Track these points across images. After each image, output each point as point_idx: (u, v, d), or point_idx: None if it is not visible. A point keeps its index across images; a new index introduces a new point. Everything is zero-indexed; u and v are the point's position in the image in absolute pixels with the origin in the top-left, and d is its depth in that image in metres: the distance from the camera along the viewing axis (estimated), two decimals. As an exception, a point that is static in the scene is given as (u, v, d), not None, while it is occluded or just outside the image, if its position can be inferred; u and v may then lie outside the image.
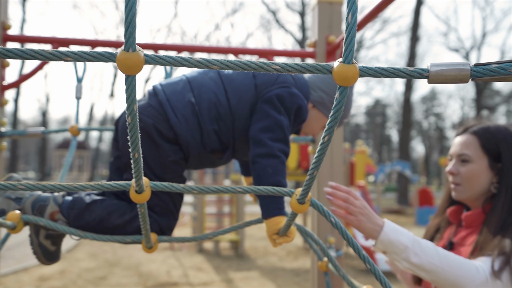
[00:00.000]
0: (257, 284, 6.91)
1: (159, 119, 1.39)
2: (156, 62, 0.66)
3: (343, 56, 0.66)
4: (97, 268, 7.79)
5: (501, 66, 0.63)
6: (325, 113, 1.54)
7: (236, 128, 1.42)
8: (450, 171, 1.63)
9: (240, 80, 1.44)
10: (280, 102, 1.39)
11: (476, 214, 1.58)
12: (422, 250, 1.33)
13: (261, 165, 1.33)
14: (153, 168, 1.37)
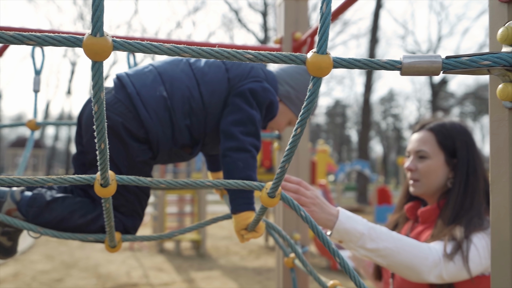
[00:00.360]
0: (219, 283, 6.87)
1: (129, 116, 1.32)
2: (125, 48, 0.63)
3: (317, 46, 0.66)
4: (53, 270, 7.53)
5: (471, 59, 0.64)
6: (291, 108, 1.52)
7: (208, 122, 1.39)
8: (408, 168, 1.66)
9: (213, 73, 1.40)
10: (252, 96, 1.37)
11: (432, 210, 1.61)
12: (377, 235, 1.34)
13: (231, 159, 1.31)
14: (120, 169, 1.31)
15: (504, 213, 0.67)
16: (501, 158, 0.67)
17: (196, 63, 1.43)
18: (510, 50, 0.66)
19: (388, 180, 40.15)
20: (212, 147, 1.49)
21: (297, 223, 1.79)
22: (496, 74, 0.67)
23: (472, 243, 1.41)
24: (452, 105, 39.24)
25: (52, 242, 10.00)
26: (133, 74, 1.40)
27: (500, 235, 0.67)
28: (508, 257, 0.66)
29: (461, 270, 1.38)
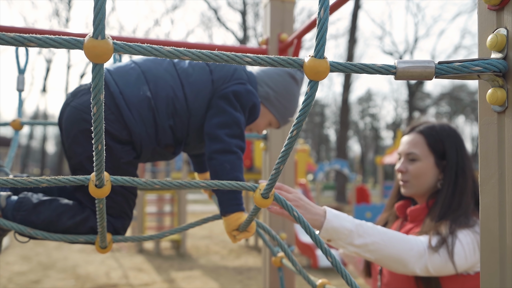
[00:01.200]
0: (200, 283, 6.86)
1: (110, 119, 1.29)
2: (126, 51, 0.64)
3: (314, 51, 0.67)
4: (30, 271, 7.40)
5: (463, 65, 0.67)
6: (270, 109, 1.52)
7: (192, 123, 1.39)
8: (399, 169, 1.70)
9: (197, 75, 1.40)
10: (236, 99, 1.37)
11: (421, 209, 1.66)
12: (364, 231, 1.36)
13: (218, 161, 1.31)
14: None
15: (493, 213, 0.69)
16: (490, 160, 0.70)
17: (180, 63, 1.42)
18: (499, 56, 0.68)
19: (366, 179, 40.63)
20: (194, 147, 1.49)
21: (283, 223, 1.80)
22: (486, 79, 0.70)
23: (458, 239, 1.46)
24: (429, 105, 39.93)
25: (29, 243, 9.80)
26: (115, 71, 1.36)
27: (490, 235, 0.70)
28: (497, 257, 0.68)
29: (447, 263, 1.42)
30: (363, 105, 50.22)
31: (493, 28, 0.70)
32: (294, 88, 1.54)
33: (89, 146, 1.29)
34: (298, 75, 1.54)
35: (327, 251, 0.90)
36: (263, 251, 1.87)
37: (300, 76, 1.54)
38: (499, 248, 0.68)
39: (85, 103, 1.31)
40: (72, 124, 1.32)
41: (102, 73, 0.64)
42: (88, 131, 1.28)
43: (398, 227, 1.73)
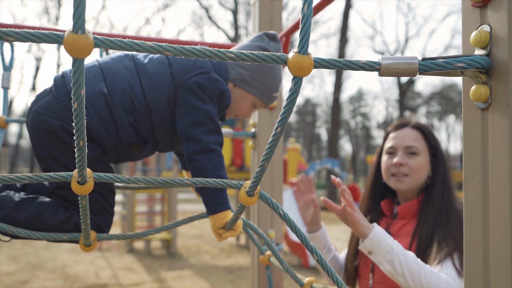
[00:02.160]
0: (190, 283, 6.84)
1: (68, 117, 1.27)
2: (107, 45, 0.63)
3: (298, 47, 0.67)
4: (18, 271, 7.33)
5: (447, 61, 0.67)
6: (248, 90, 1.45)
7: (154, 120, 1.35)
8: (399, 162, 1.68)
9: (155, 69, 1.36)
10: (202, 90, 1.33)
11: (411, 205, 1.67)
12: (404, 256, 1.39)
13: (198, 162, 1.29)
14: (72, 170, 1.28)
15: (477, 210, 0.69)
16: (474, 157, 0.70)
17: (140, 59, 1.39)
18: (482, 53, 0.68)
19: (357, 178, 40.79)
20: (165, 146, 1.45)
21: (272, 221, 1.80)
22: (469, 76, 0.70)
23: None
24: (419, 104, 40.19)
25: (17, 243, 9.72)
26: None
27: (473, 231, 0.70)
28: (480, 253, 0.68)
29: None
30: (354, 105, 50.43)
31: (477, 25, 0.70)
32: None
33: (52, 148, 1.29)
34: (270, 46, 1.46)
35: (313, 249, 0.90)
36: (251, 249, 1.87)
37: (274, 46, 1.46)
38: (482, 245, 0.68)
39: (44, 105, 1.30)
40: (33, 128, 1.31)
41: (83, 68, 0.63)
42: (49, 133, 1.27)
43: (388, 225, 1.74)
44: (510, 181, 0.64)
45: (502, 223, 0.65)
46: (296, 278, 1.18)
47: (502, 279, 0.64)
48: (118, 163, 1.44)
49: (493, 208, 0.67)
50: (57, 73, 1.41)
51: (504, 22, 0.65)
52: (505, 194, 0.64)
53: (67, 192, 1.31)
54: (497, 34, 0.67)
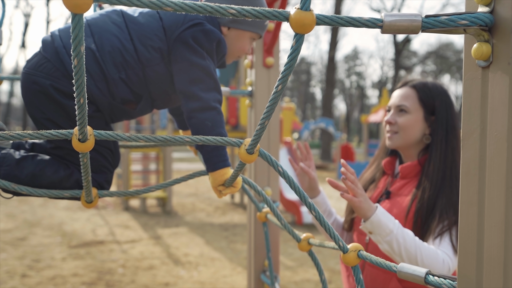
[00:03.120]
0: (186, 239, 6.98)
1: (56, 75, 1.26)
2: (106, 0, 0.62)
3: (300, 3, 0.66)
4: (15, 228, 7.44)
5: (450, 18, 0.66)
6: (243, 28, 1.43)
7: (148, 75, 1.33)
8: (388, 121, 1.71)
9: (146, 23, 1.33)
10: (199, 45, 1.30)
11: (412, 166, 1.69)
12: (403, 238, 1.44)
13: (198, 120, 1.28)
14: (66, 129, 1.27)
15: (474, 167, 0.70)
16: (473, 115, 0.71)
17: (130, 13, 1.36)
18: (485, 10, 0.68)
19: (351, 138, 41.01)
20: (164, 102, 1.44)
21: (268, 179, 1.82)
22: (471, 33, 0.69)
23: None
24: (415, 63, 39.96)
25: (13, 200, 9.81)
26: (64, 28, 1.33)
27: (469, 187, 0.71)
28: (475, 209, 0.70)
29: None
30: (349, 63, 50.05)
31: (481, -19, 0.69)
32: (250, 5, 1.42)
33: (44, 108, 1.28)
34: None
35: (311, 205, 0.92)
36: (248, 206, 1.90)
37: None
38: (478, 201, 0.70)
39: (33, 65, 1.29)
40: (25, 89, 1.30)
41: (82, 24, 0.62)
42: (40, 93, 1.26)
43: (388, 183, 1.76)
44: (508, 139, 0.65)
45: (498, 180, 0.66)
46: (294, 234, 1.21)
47: (495, 234, 0.67)
48: (114, 122, 1.42)
49: (489, 165, 0.68)
50: (47, 29, 1.39)
51: (509, -22, 0.64)
52: (502, 152, 0.66)
53: (64, 151, 1.32)
54: (502, -10, 0.66)
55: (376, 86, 46.56)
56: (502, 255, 0.66)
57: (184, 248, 6.42)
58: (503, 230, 0.65)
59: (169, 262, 5.75)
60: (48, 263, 5.58)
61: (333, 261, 5.80)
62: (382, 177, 1.81)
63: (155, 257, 5.96)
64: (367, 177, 1.85)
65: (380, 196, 1.73)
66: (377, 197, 1.74)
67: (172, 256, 6.03)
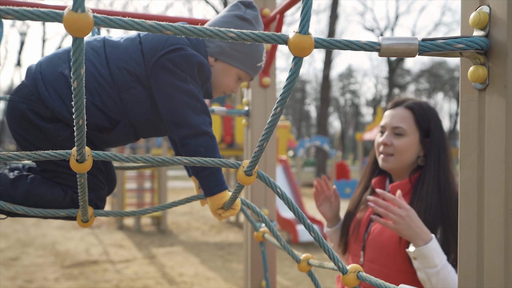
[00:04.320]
0: (181, 258, 6.91)
1: (32, 99, 1.26)
2: (107, 24, 0.62)
3: (299, 27, 0.67)
4: (8, 248, 7.34)
5: (447, 42, 0.67)
6: (230, 63, 1.39)
7: (124, 100, 1.29)
8: (384, 142, 1.69)
9: (123, 48, 1.31)
10: (179, 69, 1.27)
11: (403, 184, 1.68)
12: (444, 276, 1.44)
13: (191, 147, 1.26)
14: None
15: (472, 188, 0.71)
16: (470, 137, 0.71)
17: (112, 39, 1.35)
18: (481, 34, 0.69)
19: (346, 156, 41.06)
20: (147, 131, 1.39)
21: (265, 199, 1.82)
22: (468, 57, 0.70)
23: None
24: (408, 82, 40.31)
25: (5, 220, 9.68)
26: (49, 56, 1.35)
27: (468, 209, 0.71)
28: (475, 230, 0.70)
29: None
30: (343, 82, 50.41)
31: (476, 6, 0.70)
32: (249, 28, 1.37)
33: (25, 133, 1.29)
34: (248, 14, 1.39)
35: (310, 226, 0.92)
36: (244, 226, 1.89)
37: (251, 13, 1.40)
38: (477, 223, 0.70)
39: (14, 91, 1.31)
40: (8, 115, 1.31)
41: (83, 47, 0.63)
42: (21, 118, 1.27)
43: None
44: (505, 160, 0.65)
45: (497, 202, 0.66)
46: (293, 255, 1.20)
47: (495, 257, 0.66)
48: (97, 149, 1.36)
49: (488, 187, 0.68)
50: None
51: (504, 3, 0.66)
52: (500, 174, 0.66)
53: (51, 174, 1.31)
54: (496, 15, 0.67)
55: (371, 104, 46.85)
56: (502, 277, 0.66)
57: (179, 268, 6.35)
58: (503, 252, 0.65)
59: (164, 282, 5.68)
60: (40, 283, 5.49)
61: (330, 280, 5.75)
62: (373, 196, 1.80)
63: (149, 277, 5.89)
64: (357, 197, 1.84)
65: (371, 217, 1.72)
66: (368, 217, 1.73)
67: (167, 276, 5.96)
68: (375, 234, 1.66)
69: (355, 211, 1.80)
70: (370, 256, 1.66)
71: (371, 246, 1.66)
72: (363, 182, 1.86)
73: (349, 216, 1.81)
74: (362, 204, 1.80)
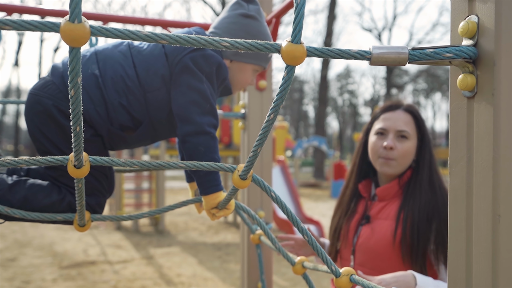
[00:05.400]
0: (179, 259, 6.92)
1: (59, 97, 1.30)
2: (103, 34, 0.63)
3: (291, 36, 0.68)
4: (5, 249, 7.34)
5: (435, 51, 0.69)
6: (245, 61, 1.46)
7: (149, 101, 1.35)
8: (389, 146, 1.65)
9: (148, 50, 1.37)
10: (198, 68, 1.32)
11: (390, 187, 1.68)
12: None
13: (192, 144, 1.29)
14: (65, 152, 1.28)
15: (461, 194, 0.72)
16: (460, 143, 0.73)
17: (136, 44, 1.40)
18: (469, 43, 0.70)
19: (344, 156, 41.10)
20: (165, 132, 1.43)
21: (261, 201, 1.83)
22: (457, 65, 0.72)
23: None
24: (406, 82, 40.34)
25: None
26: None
27: (457, 214, 0.73)
28: (464, 235, 0.72)
29: None
30: (341, 82, 50.43)
31: (465, 15, 0.72)
32: (255, 25, 1.46)
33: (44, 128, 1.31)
34: (251, 10, 1.45)
35: (304, 229, 0.93)
36: (241, 228, 1.90)
37: (254, 9, 1.46)
38: (466, 228, 0.71)
39: (38, 86, 1.34)
40: (29, 108, 1.34)
41: (79, 57, 0.64)
42: (42, 113, 1.30)
43: (367, 207, 1.74)
44: (493, 167, 0.67)
45: (485, 207, 0.68)
46: (288, 257, 1.21)
47: (483, 261, 0.68)
48: (113, 149, 1.44)
49: (476, 192, 0.70)
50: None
51: (491, 13, 0.67)
52: (488, 180, 0.67)
53: (59, 173, 1.34)
54: (485, 25, 0.69)
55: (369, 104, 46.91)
56: (490, 281, 0.67)
57: (177, 268, 6.36)
58: (491, 257, 0.67)
59: (162, 282, 5.69)
60: (38, 284, 5.50)
61: (327, 281, 5.77)
62: (359, 200, 1.80)
63: (147, 277, 5.90)
64: (345, 202, 1.83)
65: (361, 221, 1.72)
66: (357, 222, 1.74)
67: (165, 276, 5.97)
68: (364, 238, 1.67)
69: (345, 217, 1.80)
70: (360, 260, 1.67)
71: (360, 250, 1.67)
72: (351, 186, 1.84)
73: (338, 222, 1.81)
74: (350, 210, 1.80)
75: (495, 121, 0.67)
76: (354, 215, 1.76)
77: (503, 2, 0.67)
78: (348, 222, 1.76)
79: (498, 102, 0.67)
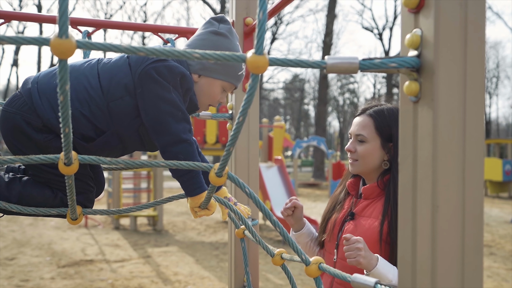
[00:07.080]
0: (176, 258, 7.01)
1: (25, 110, 1.34)
2: (87, 47, 0.72)
3: (255, 48, 0.77)
4: (4, 248, 7.43)
5: (382, 62, 0.78)
6: (213, 76, 1.48)
7: (112, 110, 1.37)
8: (348, 149, 1.84)
9: (113, 62, 1.42)
10: (162, 78, 1.34)
11: (373, 187, 1.79)
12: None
13: (172, 154, 1.34)
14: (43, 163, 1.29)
15: (408, 188, 0.81)
16: (407, 143, 0.82)
17: (104, 58, 1.46)
18: (415, 53, 0.79)
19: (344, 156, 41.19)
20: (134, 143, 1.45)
21: (248, 199, 1.92)
22: (404, 73, 0.81)
23: None
24: (405, 82, 40.40)
25: (2, 220, 9.79)
26: (47, 70, 1.45)
27: (405, 206, 0.82)
28: (410, 224, 0.81)
29: None
30: (342, 81, 50.49)
31: (411, 29, 0.81)
32: (224, 42, 1.49)
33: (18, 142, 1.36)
34: (221, 28, 1.49)
35: (276, 222, 1.02)
36: (229, 224, 1.99)
37: (224, 27, 1.49)
38: (412, 218, 0.80)
39: (8, 101, 1.38)
40: (2, 126, 1.39)
41: (67, 67, 0.73)
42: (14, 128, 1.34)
43: (353, 203, 1.85)
44: (432, 164, 0.76)
45: (426, 200, 0.77)
46: (267, 249, 1.30)
47: (424, 247, 0.77)
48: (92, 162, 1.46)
49: (419, 187, 0.79)
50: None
51: (431, 27, 0.76)
52: (428, 176, 0.77)
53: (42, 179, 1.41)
54: (427, 38, 0.77)
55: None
56: (430, 265, 0.76)
57: (174, 267, 6.45)
58: (430, 242, 0.76)
59: (159, 281, 5.78)
60: (37, 282, 5.59)
61: (322, 279, 5.86)
62: (347, 197, 1.91)
63: (144, 276, 5.99)
64: (336, 197, 1.95)
65: (345, 217, 1.82)
66: (342, 217, 1.84)
67: (162, 275, 6.06)
68: (347, 233, 1.77)
69: (333, 210, 1.90)
70: (343, 254, 1.76)
71: (343, 244, 1.76)
72: (343, 182, 1.97)
73: (326, 215, 1.92)
74: (338, 204, 1.91)
75: (434, 123, 0.76)
76: (342, 210, 1.86)
77: (441, 18, 0.76)
78: (336, 216, 1.86)
79: (437, 107, 0.76)
